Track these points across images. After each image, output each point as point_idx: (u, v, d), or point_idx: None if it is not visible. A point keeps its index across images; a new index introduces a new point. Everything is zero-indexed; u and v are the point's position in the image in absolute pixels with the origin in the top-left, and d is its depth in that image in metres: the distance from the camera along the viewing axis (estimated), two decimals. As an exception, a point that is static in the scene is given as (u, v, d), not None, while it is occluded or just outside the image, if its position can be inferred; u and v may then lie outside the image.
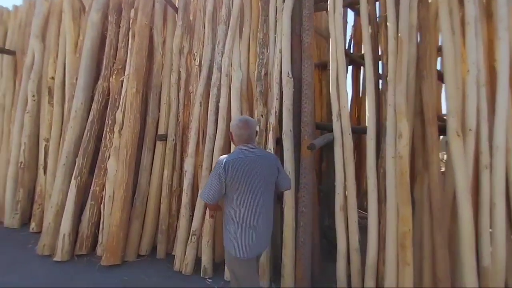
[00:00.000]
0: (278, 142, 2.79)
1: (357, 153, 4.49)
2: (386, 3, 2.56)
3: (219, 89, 3.12)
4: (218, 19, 3.28)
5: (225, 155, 1.77)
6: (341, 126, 2.56)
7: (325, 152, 3.43)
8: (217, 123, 3.07)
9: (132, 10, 3.57)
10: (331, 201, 2.77)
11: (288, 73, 2.77)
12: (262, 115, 2.85)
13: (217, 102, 3.15)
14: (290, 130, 2.68)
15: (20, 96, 4.36)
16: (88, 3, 4.31)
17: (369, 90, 2.52)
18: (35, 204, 3.95)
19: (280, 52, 2.88)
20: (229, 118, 3.03)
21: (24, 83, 4.36)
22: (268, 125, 2.79)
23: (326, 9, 3.04)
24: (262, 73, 2.94)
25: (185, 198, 3.08)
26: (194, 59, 3.46)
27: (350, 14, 5.99)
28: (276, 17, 3.03)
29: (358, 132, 3.03)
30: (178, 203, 3.32)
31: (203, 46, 3.40)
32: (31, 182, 4.24)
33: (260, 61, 2.96)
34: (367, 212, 2.37)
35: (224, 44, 3.19)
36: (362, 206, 3.40)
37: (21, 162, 4.16)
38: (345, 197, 2.48)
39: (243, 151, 1.73)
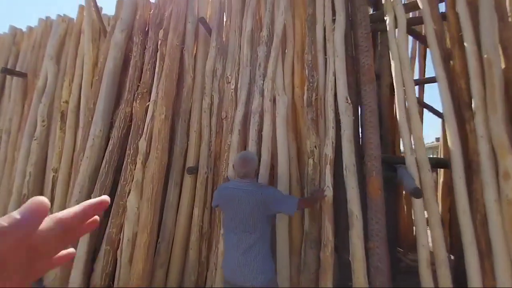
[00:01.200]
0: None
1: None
2: (458, 22, 2.27)
3: (261, 116, 2.75)
4: (258, 40, 2.98)
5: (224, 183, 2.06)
6: (417, 161, 2.15)
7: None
8: (260, 154, 2.66)
9: (161, 31, 3.29)
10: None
11: (347, 98, 2.42)
12: (315, 146, 2.45)
13: (259, 130, 2.76)
14: (354, 165, 2.27)
15: (28, 121, 3.98)
16: (109, 24, 4.12)
17: (449, 119, 2.14)
18: (37, 244, 3.41)
19: (334, 75, 2.55)
20: (274, 148, 2.62)
21: (34, 107, 4.00)
22: (323, 158, 2.38)
23: (381, 30, 2.76)
24: (313, 98, 2.58)
25: (222, 244, 2.58)
26: (228, 82, 3.13)
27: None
28: (325, 38, 2.74)
29: (438, 167, 2.61)
30: (208, 248, 2.82)
31: (239, 68, 3.08)
32: (33, 217, 3.73)
33: (310, 85, 2.62)
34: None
35: (266, 66, 2.87)
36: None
37: (25, 194, 3.68)
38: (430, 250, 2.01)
39: (234, 183, 1.90)
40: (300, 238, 2.46)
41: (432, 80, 3.56)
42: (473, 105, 2.06)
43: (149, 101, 3.18)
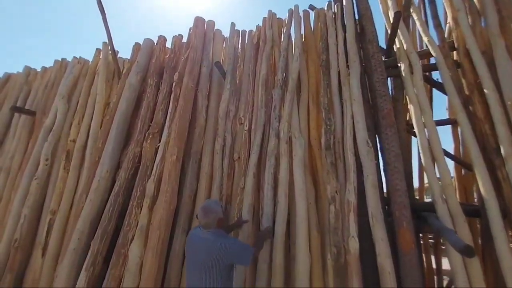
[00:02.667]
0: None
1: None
2: (473, 70, 2.31)
3: (277, 159, 2.65)
4: (273, 83, 3.03)
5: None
6: (449, 209, 2.00)
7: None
8: (274, 199, 2.50)
9: (176, 74, 3.36)
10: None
11: (368, 142, 2.35)
12: (336, 192, 2.31)
13: (274, 173, 2.64)
14: (381, 213, 2.11)
15: (31, 160, 3.85)
16: (123, 66, 4.24)
17: (479, 166, 2.05)
18: (22, 298, 3.05)
19: (352, 118, 2.52)
20: (292, 194, 2.47)
21: (38, 145, 3.91)
22: (347, 205, 2.23)
23: (393, 76, 2.81)
24: (331, 141, 2.52)
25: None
26: (242, 123, 3.09)
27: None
28: (339, 82, 2.77)
29: (473, 216, 2.44)
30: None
31: (252, 110, 3.08)
32: (22, 265, 3.40)
33: (328, 127, 2.57)
34: None
35: (281, 108, 2.87)
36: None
37: (16, 239, 3.38)
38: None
39: (199, 230, 1.94)
40: (323, 296, 2.19)
41: (445, 122, 3.56)
42: (502, 152, 1.98)
43: (159, 141, 3.11)
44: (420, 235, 3.03)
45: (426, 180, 4.86)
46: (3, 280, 3.24)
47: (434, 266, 4.32)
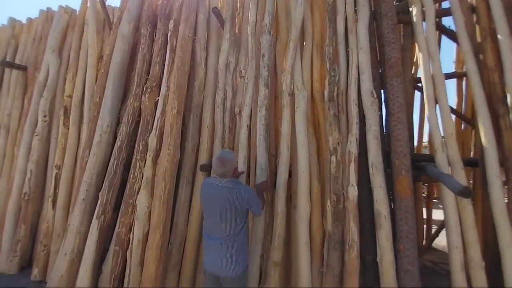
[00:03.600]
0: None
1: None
2: (488, 14, 2.17)
3: (267, 109, 2.62)
4: (263, 28, 2.82)
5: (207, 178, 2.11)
6: (449, 158, 2.05)
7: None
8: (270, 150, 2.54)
9: (171, 22, 3.14)
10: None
11: (372, 93, 2.30)
12: (338, 143, 2.34)
13: (267, 124, 2.64)
14: (381, 163, 2.15)
15: (29, 116, 3.81)
16: (114, 15, 3.95)
17: (483, 115, 2.04)
18: (39, 244, 3.27)
19: (357, 68, 2.43)
20: (293, 146, 2.50)
21: (34, 101, 3.83)
22: (347, 156, 2.26)
23: (404, 22, 2.65)
24: (335, 92, 2.46)
25: (237, 245, 2.45)
26: (242, 76, 2.99)
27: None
28: (346, 30, 2.62)
29: (470, 165, 2.50)
30: (222, 248, 2.68)
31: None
32: (35, 217, 3.58)
33: (332, 79, 2.50)
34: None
35: (270, 57, 2.76)
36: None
37: (25, 193, 3.52)
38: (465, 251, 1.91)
39: (214, 179, 1.97)
40: (321, 239, 2.35)
41: (449, 76, 3.46)
42: (508, 100, 1.96)
43: (158, 95, 3.04)
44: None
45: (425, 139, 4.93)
46: (17, 230, 3.44)
47: (425, 216, 4.59)
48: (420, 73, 2.30)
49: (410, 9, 2.49)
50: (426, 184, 4.91)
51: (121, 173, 2.86)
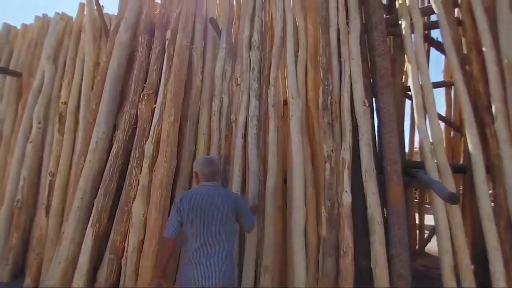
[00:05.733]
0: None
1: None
2: (474, 27, 2.28)
3: (259, 119, 2.72)
4: (251, 44, 2.96)
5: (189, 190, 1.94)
6: (438, 165, 2.13)
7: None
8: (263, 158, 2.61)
9: (169, 31, 3.20)
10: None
11: (364, 102, 2.38)
12: (332, 151, 2.40)
13: (258, 133, 2.73)
14: (373, 169, 2.22)
15: (23, 123, 3.78)
16: (110, 23, 3.99)
17: (469, 123, 2.13)
18: (32, 252, 3.22)
19: (350, 78, 2.51)
20: (283, 155, 2.57)
21: (29, 108, 3.81)
22: (341, 163, 2.33)
23: (393, 34, 2.76)
24: (328, 101, 2.54)
25: (233, 251, 2.47)
26: (238, 85, 3.05)
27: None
28: (338, 41, 2.71)
29: (459, 172, 2.58)
30: (218, 255, 2.70)
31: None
32: (28, 224, 3.53)
33: (326, 88, 2.58)
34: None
35: (260, 70, 2.88)
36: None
37: (18, 200, 3.47)
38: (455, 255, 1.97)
39: (203, 187, 1.83)
40: (316, 244, 2.39)
41: (438, 85, 3.59)
42: (493, 109, 2.06)
43: (155, 102, 3.07)
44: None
45: (416, 144, 5.06)
46: (10, 238, 3.39)
47: (417, 222, 4.68)
48: (410, 83, 2.39)
49: (400, 22, 2.60)
50: (417, 190, 5.02)
51: (116, 180, 2.86)
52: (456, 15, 2.65)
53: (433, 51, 4.00)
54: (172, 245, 1.71)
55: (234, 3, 3.44)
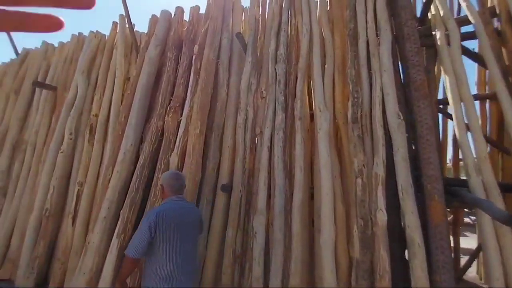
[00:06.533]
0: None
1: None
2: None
3: (285, 132, 2.66)
4: (277, 57, 2.96)
5: (156, 207, 1.90)
6: (483, 183, 1.95)
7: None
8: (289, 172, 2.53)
9: (196, 46, 3.28)
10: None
11: (399, 114, 2.27)
12: (364, 165, 2.28)
13: (284, 147, 2.67)
14: (411, 186, 2.08)
15: (55, 134, 3.95)
16: (141, 40, 4.18)
17: (519, 138, 1.96)
18: (57, 261, 3.26)
19: (381, 90, 2.42)
20: (308, 168, 2.49)
21: (62, 119, 3.99)
22: (375, 179, 2.20)
23: (427, 45, 2.66)
24: (358, 114, 2.45)
25: (256, 269, 2.37)
26: (263, 97, 3.04)
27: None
28: (367, 53, 2.65)
29: (504, 191, 2.38)
30: (241, 272, 2.59)
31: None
32: (54, 233, 3.60)
33: (355, 100, 2.50)
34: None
35: (286, 83, 2.87)
36: None
37: (47, 209, 3.56)
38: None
39: (175, 202, 1.81)
40: (347, 266, 2.23)
41: (476, 97, 3.39)
42: (546, 124, 1.88)
43: (181, 115, 3.11)
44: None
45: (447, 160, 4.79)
46: (37, 246, 3.46)
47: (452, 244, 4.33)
48: (448, 96, 2.26)
49: (433, 32, 2.51)
50: (449, 210, 4.69)
51: (142, 191, 2.88)
52: (495, 25, 2.53)
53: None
54: (136, 265, 1.73)
55: (260, 18, 3.50)
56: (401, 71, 2.58)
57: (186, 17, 3.83)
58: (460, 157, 3.59)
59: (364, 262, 2.07)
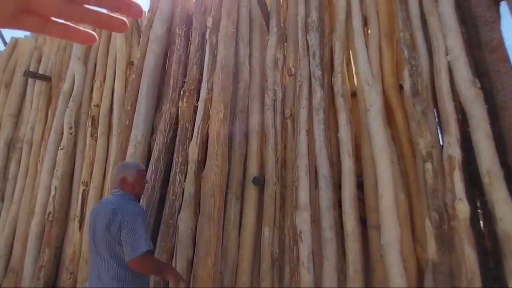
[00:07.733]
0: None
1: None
2: None
3: (325, 112, 2.25)
4: (308, 25, 2.51)
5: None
6: None
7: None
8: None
9: (209, 18, 2.82)
10: None
11: (475, 82, 1.85)
12: (433, 147, 1.88)
13: (325, 129, 2.26)
14: (500, 169, 1.68)
15: (53, 129, 3.52)
16: (143, 19, 3.70)
17: None
18: (65, 271, 2.90)
19: (446, 54, 1.99)
20: (359, 153, 2.08)
21: (59, 113, 3.55)
22: (449, 162, 1.80)
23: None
24: (419, 85, 2.02)
25: (305, 276, 1.99)
26: (291, 75, 2.61)
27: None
28: (421, 12, 2.21)
29: None
30: (280, 278, 2.22)
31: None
32: (59, 239, 3.23)
33: (413, 69, 2.06)
34: None
35: (322, 55, 2.43)
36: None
37: (49, 213, 3.17)
38: None
39: (105, 199, 1.85)
40: (415, 268, 1.86)
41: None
42: None
43: (197, 99, 2.69)
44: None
45: None
46: (41, 254, 3.09)
47: None
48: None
49: (505, -17, 2.06)
50: None
51: (159, 189, 2.48)
52: None
53: None
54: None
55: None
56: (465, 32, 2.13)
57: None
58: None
59: (443, 264, 1.69)
